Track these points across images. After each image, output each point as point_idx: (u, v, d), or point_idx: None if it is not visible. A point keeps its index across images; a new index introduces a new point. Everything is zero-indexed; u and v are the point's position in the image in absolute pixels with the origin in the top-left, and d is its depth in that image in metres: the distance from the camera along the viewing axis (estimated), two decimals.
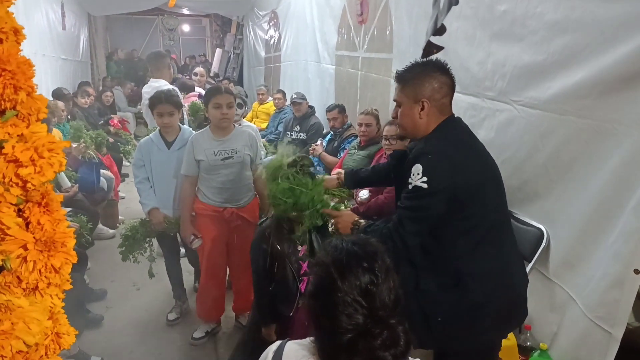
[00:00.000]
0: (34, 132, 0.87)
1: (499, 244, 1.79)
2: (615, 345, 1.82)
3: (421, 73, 1.80)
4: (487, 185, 1.77)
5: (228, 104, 2.73)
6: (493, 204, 1.79)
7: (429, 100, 1.76)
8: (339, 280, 1.08)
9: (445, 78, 1.79)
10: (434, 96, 1.77)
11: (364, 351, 1.04)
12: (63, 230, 0.89)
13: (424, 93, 1.77)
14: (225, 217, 2.87)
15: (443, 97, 1.78)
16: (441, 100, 1.78)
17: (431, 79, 1.77)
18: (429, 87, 1.77)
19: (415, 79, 1.80)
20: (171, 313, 3.27)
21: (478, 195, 1.72)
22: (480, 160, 1.79)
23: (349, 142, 4.30)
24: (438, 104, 1.78)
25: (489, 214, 1.76)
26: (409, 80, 1.82)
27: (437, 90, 1.77)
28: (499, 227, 1.81)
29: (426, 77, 1.78)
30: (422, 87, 1.77)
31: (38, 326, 0.84)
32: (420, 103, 1.78)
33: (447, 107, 1.81)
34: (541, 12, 2.18)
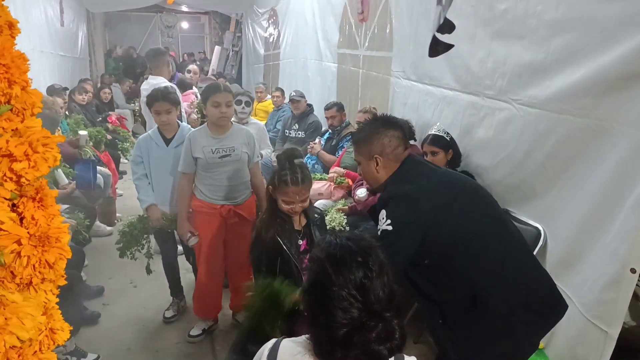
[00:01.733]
0: (29, 127, 0.86)
1: (501, 250, 1.76)
2: (612, 344, 1.83)
3: (370, 132, 1.93)
4: (459, 198, 1.80)
5: (227, 103, 2.71)
6: (473, 215, 1.80)
7: (380, 155, 1.88)
8: (334, 275, 1.09)
9: (394, 131, 1.90)
10: (385, 150, 1.88)
11: (360, 345, 1.05)
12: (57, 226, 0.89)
13: (375, 150, 1.89)
14: (223, 214, 2.86)
15: (395, 148, 1.89)
16: (393, 152, 1.89)
17: (380, 136, 1.89)
18: (378, 144, 1.89)
19: (365, 139, 1.94)
20: (168, 310, 3.27)
21: (448, 216, 1.76)
22: (438, 184, 1.84)
23: (347, 141, 4.29)
24: (391, 156, 1.89)
25: (472, 227, 1.76)
26: (361, 140, 1.97)
27: (387, 145, 1.88)
28: (490, 231, 1.79)
29: (375, 135, 1.91)
30: (372, 145, 1.90)
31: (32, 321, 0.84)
32: (374, 159, 1.89)
33: (400, 155, 1.90)
34: (541, 10, 2.18)
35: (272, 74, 8.30)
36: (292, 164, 2.12)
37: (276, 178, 2.10)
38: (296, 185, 2.07)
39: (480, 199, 1.87)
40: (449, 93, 3.05)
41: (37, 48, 6.07)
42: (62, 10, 7.70)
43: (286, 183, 2.06)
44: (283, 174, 2.08)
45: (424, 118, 3.38)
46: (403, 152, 1.90)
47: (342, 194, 3.62)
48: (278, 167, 2.15)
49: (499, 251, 1.75)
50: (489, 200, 1.90)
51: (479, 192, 1.92)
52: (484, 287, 1.70)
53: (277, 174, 2.12)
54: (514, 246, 1.80)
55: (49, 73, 6.59)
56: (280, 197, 2.10)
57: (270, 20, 8.39)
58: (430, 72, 3.25)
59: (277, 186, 2.09)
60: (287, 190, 2.07)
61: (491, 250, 1.74)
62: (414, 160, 1.92)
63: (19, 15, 5.12)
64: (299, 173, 2.10)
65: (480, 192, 1.93)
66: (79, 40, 9.22)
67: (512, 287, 1.71)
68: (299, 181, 2.07)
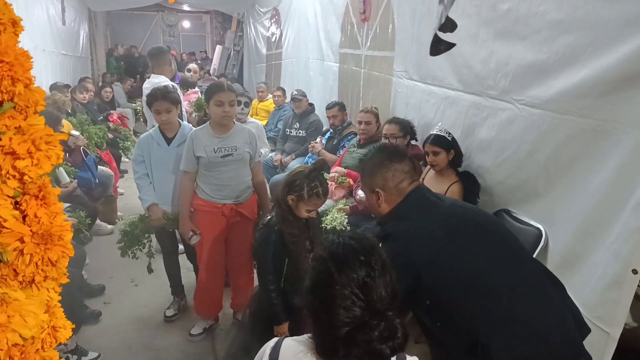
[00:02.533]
0: (32, 125, 0.86)
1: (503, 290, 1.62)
2: (613, 345, 1.83)
3: (374, 165, 1.86)
4: (459, 238, 1.68)
5: (230, 102, 2.71)
6: (476, 252, 1.67)
7: (382, 189, 1.81)
8: (337, 274, 1.09)
9: (399, 165, 1.82)
10: (387, 185, 1.81)
11: (362, 344, 1.04)
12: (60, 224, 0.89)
13: (377, 183, 1.82)
14: (224, 213, 2.86)
15: (398, 183, 1.81)
16: (397, 186, 1.81)
17: (383, 170, 1.82)
18: (380, 177, 1.82)
19: (369, 170, 1.88)
20: (169, 309, 3.27)
21: (446, 257, 1.64)
22: (437, 224, 1.72)
23: (348, 140, 4.29)
24: (394, 190, 1.81)
25: (472, 267, 1.64)
26: (365, 172, 1.91)
27: (390, 179, 1.81)
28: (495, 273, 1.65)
29: (379, 167, 1.84)
30: (375, 179, 1.83)
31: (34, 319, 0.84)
32: (375, 193, 1.83)
33: (405, 189, 1.82)
34: (544, 11, 2.17)
35: (275, 73, 8.30)
36: (321, 177, 2.20)
37: (306, 191, 2.15)
38: (325, 196, 2.21)
39: (487, 236, 1.73)
40: (451, 93, 3.04)
41: (39, 46, 6.07)
42: (64, 8, 7.70)
43: (318, 196, 2.17)
44: (314, 187, 2.15)
45: (426, 118, 3.38)
46: (408, 186, 1.81)
47: (343, 194, 3.62)
48: (307, 180, 2.16)
49: (504, 294, 1.61)
50: (498, 237, 1.76)
51: (486, 228, 1.77)
52: (486, 333, 1.57)
53: (307, 186, 2.15)
54: (526, 288, 1.64)
55: (51, 72, 6.60)
56: (306, 207, 2.19)
57: (273, 19, 8.39)
58: (432, 72, 3.25)
59: (308, 199, 2.16)
60: (318, 202, 2.20)
61: (496, 293, 1.61)
62: (417, 195, 1.82)
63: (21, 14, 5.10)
64: (325, 184, 2.22)
65: (489, 227, 1.79)
66: (81, 38, 9.22)
67: (518, 334, 1.57)
68: (327, 192, 2.23)
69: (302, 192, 2.14)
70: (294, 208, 2.19)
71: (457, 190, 2.71)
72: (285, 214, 2.22)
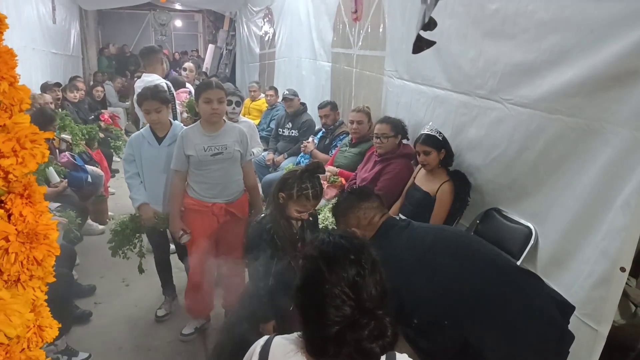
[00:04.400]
0: (17, 123, 0.86)
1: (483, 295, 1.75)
2: (601, 342, 1.84)
3: (346, 207, 2.06)
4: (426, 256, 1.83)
5: (219, 99, 2.71)
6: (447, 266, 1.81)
7: (357, 227, 1.98)
8: (327, 273, 1.09)
9: (368, 203, 2.03)
10: (361, 223, 2.00)
11: (352, 342, 1.05)
12: (46, 222, 0.88)
13: (352, 223, 2.01)
14: (215, 212, 2.85)
15: (370, 219, 2.01)
16: (369, 223, 2.01)
17: (354, 210, 2.02)
18: (354, 217, 2.02)
19: (342, 213, 2.07)
20: (160, 309, 3.25)
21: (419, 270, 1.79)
22: (409, 243, 1.90)
23: (340, 140, 4.29)
24: (367, 227, 2.00)
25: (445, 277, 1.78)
26: (338, 214, 2.10)
27: (362, 218, 2.01)
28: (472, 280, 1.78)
29: (350, 209, 2.03)
30: (349, 219, 2.02)
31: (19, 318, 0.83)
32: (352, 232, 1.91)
33: (377, 223, 2.01)
34: (532, 10, 2.19)
35: (268, 72, 8.28)
36: (314, 179, 2.18)
37: (295, 190, 2.16)
38: (316, 199, 2.20)
39: (456, 248, 1.89)
40: (440, 92, 3.06)
41: (29, 45, 6.03)
42: (54, 7, 7.65)
43: (307, 197, 2.17)
44: (304, 188, 2.16)
45: (416, 117, 3.39)
46: (379, 220, 2.01)
47: (335, 193, 3.62)
48: (299, 180, 2.17)
49: (484, 296, 1.74)
50: (467, 246, 1.92)
51: (453, 241, 1.95)
52: (474, 334, 1.69)
53: (297, 186, 2.16)
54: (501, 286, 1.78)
55: (41, 70, 6.55)
56: (295, 207, 2.19)
57: (266, 18, 8.38)
58: (422, 71, 3.26)
59: (296, 198, 2.17)
60: (307, 204, 2.19)
61: (474, 298, 1.74)
62: (387, 226, 2.00)
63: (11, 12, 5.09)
64: (318, 187, 2.20)
65: (456, 239, 1.97)
66: (72, 37, 9.16)
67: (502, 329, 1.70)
68: (318, 195, 2.20)
69: (292, 191, 2.15)
70: (285, 206, 2.19)
71: (448, 189, 2.72)
72: (277, 213, 2.22)
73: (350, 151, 3.85)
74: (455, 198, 2.74)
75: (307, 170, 2.20)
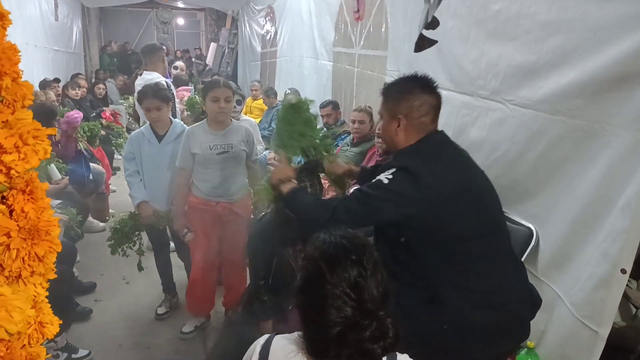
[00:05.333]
0: (19, 119, 0.86)
1: (484, 257, 1.71)
2: (601, 344, 1.83)
3: (403, 89, 1.80)
4: (462, 197, 1.71)
5: (226, 98, 2.70)
6: (472, 217, 1.72)
7: (405, 117, 1.76)
8: (328, 273, 1.08)
9: (428, 97, 1.78)
10: (412, 114, 1.76)
11: (353, 343, 1.04)
12: (47, 219, 0.88)
13: (401, 110, 1.76)
14: (218, 211, 2.85)
15: (422, 115, 1.77)
16: (419, 119, 1.77)
17: (411, 97, 1.76)
18: (406, 104, 1.76)
19: (395, 95, 1.81)
20: (160, 307, 3.26)
21: (448, 209, 1.67)
22: (453, 174, 1.75)
23: (342, 139, 4.29)
24: (416, 122, 1.77)
25: (466, 227, 1.70)
26: (390, 95, 1.83)
27: (415, 109, 1.76)
28: (481, 240, 1.72)
29: (407, 94, 1.77)
30: (400, 104, 1.77)
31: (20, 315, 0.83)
32: (396, 119, 1.78)
33: (427, 126, 1.79)
34: (535, 11, 2.18)
35: (269, 71, 8.28)
36: (313, 177, 2.17)
37: None
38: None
39: (488, 206, 1.80)
40: (442, 93, 3.02)
41: (31, 42, 6.03)
42: (57, 4, 7.65)
43: None
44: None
45: None
46: (430, 124, 1.79)
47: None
48: (297, 179, 2.16)
49: (479, 261, 1.70)
50: (495, 206, 1.84)
51: (488, 194, 1.84)
52: (446, 287, 1.64)
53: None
54: (496, 257, 1.75)
55: (43, 67, 6.56)
56: None
57: (267, 17, 8.38)
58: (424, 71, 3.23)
59: None
60: None
61: (474, 257, 1.69)
62: (438, 139, 1.81)
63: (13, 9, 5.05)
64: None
65: (490, 195, 1.85)
66: (74, 35, 9.16)
67: (475, 300, 1.65)
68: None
69: None
70: None
71: None
72: (279, 212, 2.22)
73: (351, 150, 3.85)
74: None
75: (306, 168, 2.20)
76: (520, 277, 1.81)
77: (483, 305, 1.67)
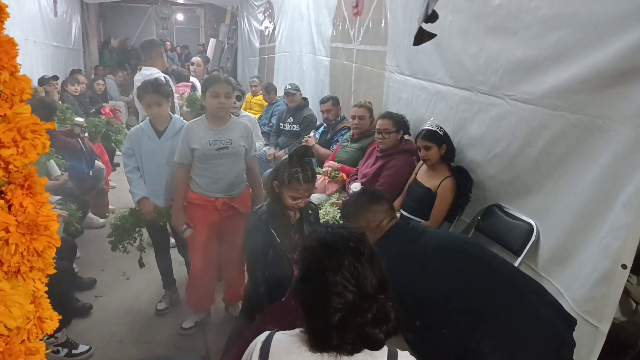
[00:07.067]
0: (18, 113, 0.85)
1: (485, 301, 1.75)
2: (602, 339, 1.84)
3: (357, 209, 2.07)
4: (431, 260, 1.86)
5: (226, 94, 2.69)
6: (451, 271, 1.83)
7: (365, 229, 1.90)
8: (327, 260, 1.11)
9: (378, 206, 2.04)
10: (370, 225, 2.00)
11: (355, 328, 1.05)
12: (46, 214, 0.88)
13: (361, 225, 1.99)
14: (217, 207, 2.85)
15: (379, 223, 2.02)
16: (378, 225, 2.02)
17: (365, 212, 2.03)
18: (363, 219, 2.02)
19: (352, 214, 2.08)
20: (161, 303, 3.26)
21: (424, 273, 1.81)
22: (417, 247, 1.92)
23: (342, 135, 4.28)
24: (376, 229, 2.01)
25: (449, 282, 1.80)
26: (348, 215, 2.11)
27: (371, 220, 2.02)
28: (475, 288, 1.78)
29: (360, 211, 2.04)
30: (359, 220, 2.02)
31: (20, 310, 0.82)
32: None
33: (385, 226, 2.03)
34: (535, 6, 2.17)
35: (267, 67, 8.26)
36: (304, 162, 2.19)
37: (286, 175, 2.16)
38: (307, 183, 2.18)
39: (461, 254, 1.91)
40: (442, 88, 3.05)
41: (30, 38, 6.01)
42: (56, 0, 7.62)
43: (298, 181, 2.15)
44: (294, 172, 2.15)
45: (417, 113, 3.38)
46: (387, 224, 2.03)
47: (336, 188, 3.62)
48: (288, 165, 2.18)
49: (483, 304, 1.74)
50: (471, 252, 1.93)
51: (459, 247, 1.97)
52: (473, 339, 1.69)
53: (287, 171, 2.16)
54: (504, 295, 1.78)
55: (42, 63, 6.54)
56: (289, 193, 2.18)
57: (266, 13, 8.35)
58: (423, 67, 3.25)
59: (288, 183, 2.16)
60: (299, 188, 2.17)
61: (475, 303, 1.74)
62: (396, 229, 2.02)
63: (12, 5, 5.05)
64: (309, 171, 2.19)
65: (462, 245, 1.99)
66: (73, 30, 9.13)
67: (502, 334, 1.69)
68: (309, 179, 2.18)
69: (283, 177, 2.15)
70: (280, 195, 2.19)
71: (449, 185, 2.71)
72: (274, 203, 2.23)
73: (351, 146, 3.85)
74: (457, 194, 2.73)
75: (296, 154, 2.20)
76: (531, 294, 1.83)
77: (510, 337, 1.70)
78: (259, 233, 2.18)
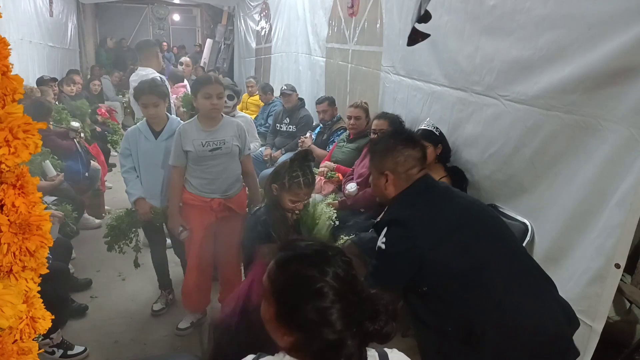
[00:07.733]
0: (10, 113, 0.85)
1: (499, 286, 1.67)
2: (596, 338, 1.85)
3: (387, 146, 1.88)
4: (461, 230, 1.74)
5: (218, 94, 2.69)
6: (475, 246, 1.73)
7: (392, 172, 1.83)
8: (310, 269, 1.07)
9: (412, 151, 1.84)
10: (397, 169, 1.83)
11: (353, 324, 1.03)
12: (39, 213, 0.87)
13: (387, 166, 1.84)
14: (213, 207, 2.84)
15: (408, 169, 1.83)
16: (406, 172, 1.83)
17: (395, 153, 1.84)
18: (391, 160, 1.84)
19: (380, 152, 1.89)
20: (156, 303, 3.25)
21: (450, 243, 1.70)
22: (447, 210, 1.80)
23: (338, 135, 4.29)
24: (403, 175, 1.83)
25: (471, 257, 1.70)
26: (376, 152, 1.93)
27: (400, 164, 1.83)
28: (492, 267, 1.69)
29: (391, 150, 1.85)
30: (386, 160, 1.85)
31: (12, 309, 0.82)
32: (384, 175, 1.85)
33: (414, 176, 1.85)
34: (530, 7, 2.18)
35: (264, 67, 8.25)
36: (305, 166, 2.20)
37: (287, 179, 2.17)
38: (308, 187, 2.20)
39: (489, 230, 1.79)
40: (437, 88, 3.05)
41: (26, 38, 5.99)
42: (52, 0, 7.60)
43: (299, 185, 2.17)
44: (295, 176, 2.16)
45: (413, 113, 3.38)
46: (417, 173, 1.85)
47: (332, 189, 3.62)
48: (289, 169, 2.18)
49: (501, 288, 1.66)
50: (499, 232, 1.81)
51: (489, 223, 1.83)
52: (480, 324, 1.63)
53: (287, 175, 2.17)
54: (521, 284, 1.70)
55: (38, 63, 6.51)
56: (289, 197, 2.19)
57: (262, 13, 8.35)
58: (419, 67, 3.25)
59: (288, 187, 2.17)
60: (299, 192, 2.19)
61: (493, 286, 1.66)
62: (424, 183, 1.85)
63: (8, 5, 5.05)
64: (310, 175, 2.21)
65: (491, 223, 1.84)
66: (69, 31, 9.10)
67: (512, 327, 1.62)
68: (310, 183, 2.20)
69: (284, 181, 2.16)
70: (279, 198, 2.20)
71: None
72: (272, 205, 2.23)
73: (347, 146, 3.85)
74: None
75: (297, 158, 2.21)
76: (547, 293, 1.76)
77: (518, 333, 1.63)
78: (257, 235, 2.19)
